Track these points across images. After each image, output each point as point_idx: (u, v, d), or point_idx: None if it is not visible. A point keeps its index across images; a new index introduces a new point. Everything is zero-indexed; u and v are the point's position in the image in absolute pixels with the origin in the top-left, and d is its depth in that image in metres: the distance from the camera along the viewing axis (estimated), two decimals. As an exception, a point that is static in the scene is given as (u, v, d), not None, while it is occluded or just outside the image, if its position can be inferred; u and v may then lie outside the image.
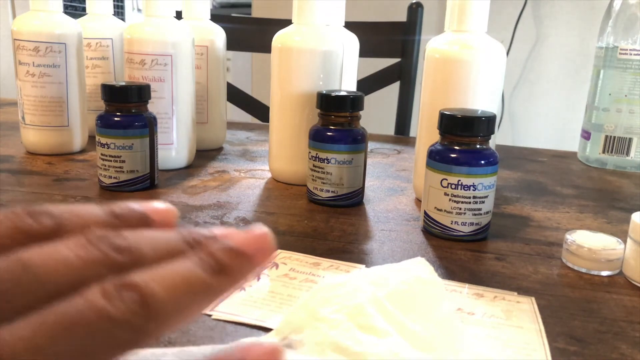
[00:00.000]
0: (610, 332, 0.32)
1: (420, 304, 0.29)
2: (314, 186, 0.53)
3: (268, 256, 0.18)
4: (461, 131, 0.44)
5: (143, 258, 0.17)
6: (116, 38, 0.75)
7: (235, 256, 0.17)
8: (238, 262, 0.17)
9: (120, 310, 0.15)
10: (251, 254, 0.18)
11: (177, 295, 0.16)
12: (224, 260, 0.17)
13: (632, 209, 0.56)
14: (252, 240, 0.18)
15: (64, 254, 0.16)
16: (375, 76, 1.08)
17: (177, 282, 0.16)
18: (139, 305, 0.15)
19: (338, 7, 0.72)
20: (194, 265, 0.17)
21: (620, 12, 0.72)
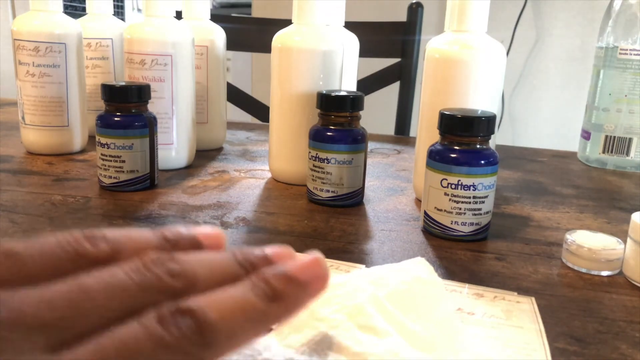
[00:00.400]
0: (610, 332, 0.32)
1: (420, 304, 0.29)
2: (314, 186, 0.53)
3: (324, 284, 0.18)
4: (461, 131, 0.44)
5: (198, 282, 0.17)
6: (116, 38, 0.75)
7: (290, 283, 0.17)
8: (294, 289, 0.17)
9: (176, 337, 0.15)
10: (306, 281, 0.17)
11: (233, 323, 0.16)
12: (280, 288, 0.17)
13: (632, 209, 0.56)
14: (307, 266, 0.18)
15: (120, 278, 0.16)
16: (375, 76, 1.08)
17: (232, 309, 0.16)
18: (194, 332, 0.15)
19: (338, 7, 0.72)
20: (249, 292, 0.16)
21: (620, 12, 0.72)
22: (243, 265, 0.18)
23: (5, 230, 0.43)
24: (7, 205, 0.49)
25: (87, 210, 0.49)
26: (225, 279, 0.17)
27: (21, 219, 0.46)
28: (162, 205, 0.51)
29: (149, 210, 0.49)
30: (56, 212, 0.48)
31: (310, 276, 0.18)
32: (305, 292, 0.17)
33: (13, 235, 0.42)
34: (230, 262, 0.18)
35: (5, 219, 0.45)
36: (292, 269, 0.17)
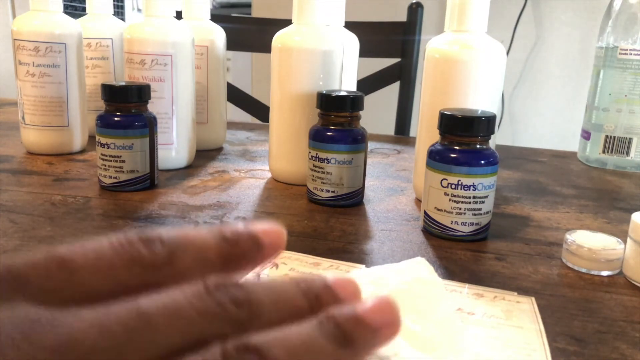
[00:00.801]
0: (610, 332, 0.32)
1: (420, 304, 0.29)
2: (314, 186, 0.53)
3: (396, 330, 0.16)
4: (461, 131, 0.44)
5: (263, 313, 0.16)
6: (116, 38, 0.75)
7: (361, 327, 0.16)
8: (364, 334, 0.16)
9: None
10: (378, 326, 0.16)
11: None
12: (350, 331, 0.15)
13: (632, 209, 0.56)
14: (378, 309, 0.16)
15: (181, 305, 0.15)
16: (375, 76, 1.08)
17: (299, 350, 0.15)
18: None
19: (338, 7, 0.72)
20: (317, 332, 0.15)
21: (620, 12, 0.72)
22: (308, 296, 0.17)
23: (5, 230, 0.43)
24: (7, 205, 0.49)
25: (87, 210, 0.49)
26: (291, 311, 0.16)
27: (21, 219, 0.46)
28: (162, 205, 0.51)
29: (149, 210, 0.49)
30: (56, 212, 0.48)
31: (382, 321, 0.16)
32: (376, 338, 0.16)
33: (13, 235, 0.42)
34: (294, 292, 0.17)
35: (5, 219, 0.45)
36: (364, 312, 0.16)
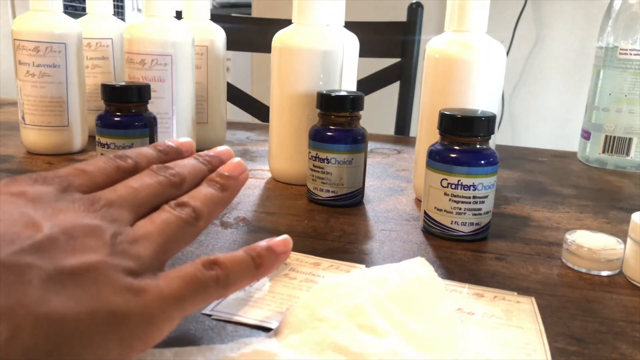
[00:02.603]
0: (610, 332, 0.32)
1: (420, 304, 0.29)
2: (314, 186, 0.53)
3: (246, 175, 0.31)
4: (461, 131, 0.44)
5: (186, 178, 0.29)
6: (116, 38, 0.75)
7: (229, 179, 0.30)
8: (231, 182, 0.30)
9: (186, 216, 0.27)
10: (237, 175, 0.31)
11: (208, 205, 0.28)
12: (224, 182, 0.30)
13: (632, 209, 0.56)
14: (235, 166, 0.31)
15: (148, 180, 0.28)
16: (375, 76, 1.08)
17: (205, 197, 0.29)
18: (192, 212, 0.27)
19: (338, 7, 0.72)
20: (210, 188, 0.29)
21: (620, 12, 0.72)
22: (204, 163, 0.31)
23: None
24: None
25: (87, 210, 0.49)
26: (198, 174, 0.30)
27: (21, 219, 0.46)
28: (162, 205, 0.51)
29: (149, 210, 0.49)
30: (56, 212, 0.48)
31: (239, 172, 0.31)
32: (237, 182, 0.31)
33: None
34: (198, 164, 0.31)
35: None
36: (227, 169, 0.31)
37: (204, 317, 0.31)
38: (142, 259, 0.24)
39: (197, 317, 0.31)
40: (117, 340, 0.21)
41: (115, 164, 0.28)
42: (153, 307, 0.22)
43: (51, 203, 0.24)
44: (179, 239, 0.26)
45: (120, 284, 0.22)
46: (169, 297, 0.23)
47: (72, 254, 0.22)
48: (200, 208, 0.28)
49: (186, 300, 0.24)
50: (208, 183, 0.30)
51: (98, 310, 0.21)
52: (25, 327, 0.18)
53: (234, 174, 0.31)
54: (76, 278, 0.21)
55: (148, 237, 0.25)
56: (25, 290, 0.19)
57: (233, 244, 0.43)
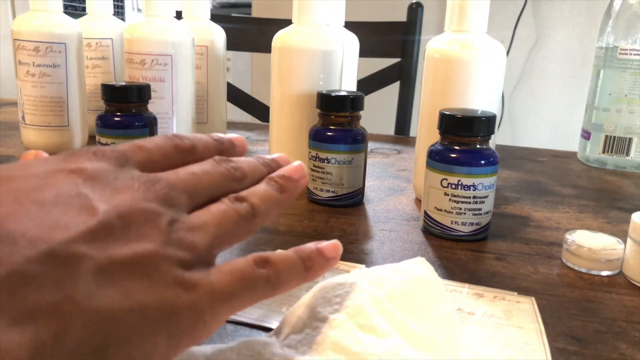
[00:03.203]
0: (610, 332, 0.32)
1: (420, 304, 0.29)
2: (314, 186, 0.53)
3: (306, 180, 0.30)
4: (461, 131, 0.44)
5: (247, 175, 0.28)
6: (116, 38, 0.75)
7: (288, 179, 0.29)
8: (291, 184, 0.29)
9: (244, 211, 0.26)
10: (297, 179, 0.30)
11: (266, 203, 0.27)
12: (284, 184, 0.29)
13: (632, 209, 0.56)
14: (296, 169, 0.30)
15: (210, 170, 0.27)
16: (375, 76, 1.08)
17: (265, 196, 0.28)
18: (250, 208, 0.26)
19: (338, 7, 0.72)
20: (270, 188, 0.28)
21: (620, 12, 0.72)
22: (264, 165, 0.30)
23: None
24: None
25: (87, 210, 0.49)
26: (257, 174, 0.29)
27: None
28: (162, 205, 0.51)
29: (149, 210, 0.49)
30: (56, 212, 0.48)
31: (299, 175, 0.30)
32: (296, 185, 0.29)
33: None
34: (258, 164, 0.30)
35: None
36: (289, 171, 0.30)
37: (204, 317, 0.31)
38: (197, 250, 0.23)
39: (197, 317, 0.31)
40: (166, 336, 0.21)
41: (174, 143, 0.28)
42: (203, 304, 0.22)
43: (110, 181, 0.23)
44: (234, 233, 0.25)
45: (172, 278, 0.21)
46: (219, 293, 0.23)
47: (126, 242, 0.21)
48: (259, 205, 0.27)
49: (235, 297, 0.23)
50: (268, 182, 0.29)
51: (148, 306, 0.20)
52: (73, 323, 0.18)
53: (295, 177, 0.29)
54: (128, 270, 0.20)
55: (204, 228, 0.24)
56: (76, 284, 0.19)
57: (233, 244, 0.42)
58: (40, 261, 0.18)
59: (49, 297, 0.18)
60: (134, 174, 0.24)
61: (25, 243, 0.18)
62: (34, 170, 0.22)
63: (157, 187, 0.24)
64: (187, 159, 0.27)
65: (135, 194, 0.23)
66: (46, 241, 0.19)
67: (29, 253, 0.18)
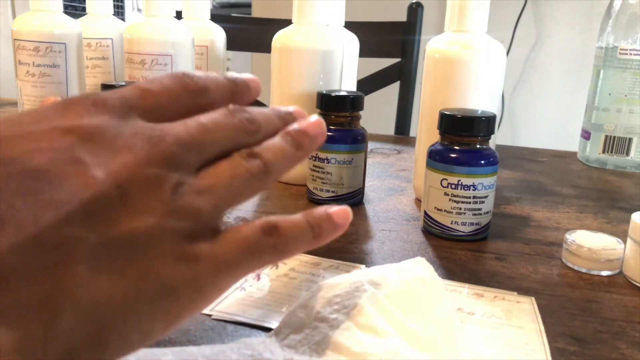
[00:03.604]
0: (610, 332, 0.32)
1: (420, 304, 0.29)
2: (314, 186, 0.53)
3: (324, 137, 0.28)
4: (461, 131, 0.44)
5: (261, 127, 0.26)
6: (116, 38, 0.75)
7: (305, 135, 0.27)
8: (308, 140, 0.27)
9: (257, 170, 0.24)
10: (315, 135, 0.27)
11: (280, 160, 0.25)
12: (302, 140, 0.26)
13: (632, 209, 0.56)
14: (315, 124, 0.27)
15: (220, 120, 0.24)
16: (375, 76, 1.08)
17: (279, 152, 0.25)
18: (263, 165, 0.24)
19: (338, 7, 0.72)
20: (285, 143, 0.26)
21: (620, 12, 0.72)
22: (280, 117, 0.28)
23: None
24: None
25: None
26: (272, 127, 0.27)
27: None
28: (162, 205, 0.51)
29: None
30: (56, 212, 0.48)
31: (316, 131, 0.27)
32: (315, 142, 0.27)
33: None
34: (273, 115, 0.27)
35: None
36: (307, 126, 0.27)
37: (204, 317, 0.31)
38: (202, 216, 0.22)
39: (197, 317, 0.31)
40: (163, 313, 0.20)
41: (183, 83, 0.25)
42: (205, 277, 0.21)
43: (110, 140, 0.21)
44: (243, 193, 0.24)
45: (172, 253, 0.20)
46: (223, 264, 0.22)
47: (124, 216, 0.19)
48: (272, 162, 0.25)
49: (239, 266, 0.22)
50: (284, 137, 0.26)
51: (146, 286, 0.19)
52: (65, 313, 0.17)
53: (312, 133, 0.27)
54: (125, 249, 0.19)
55: (212, 190, 0.22)
56: (68, 272, 0.17)
57: (233, 244, 0.43)
58: (27, 249, 0.17)
59: (38, 288, 0.17)
60: (138, 127, 0.22)
61: (13, 226, 0.17)
62: (26, 129, 0.20)
63: (163, 146, 0.22)
64: (198, 101, 0.25)
65: (138, 154, 0.21)
66: (35, 223, 0.17)
67: (15, 240, 0.17)
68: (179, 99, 0.24)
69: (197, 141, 0.23)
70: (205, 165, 0.23)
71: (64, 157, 0.19)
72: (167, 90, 0.24)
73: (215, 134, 0.24)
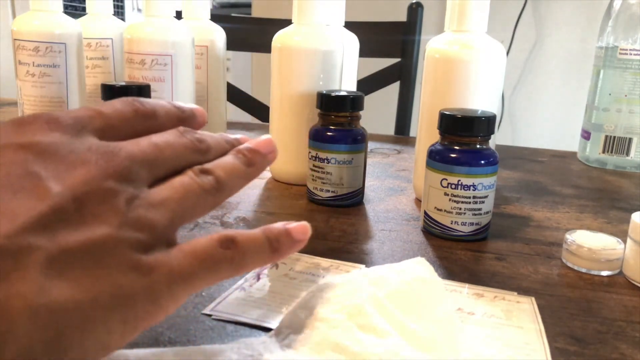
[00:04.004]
0: (610, 332, 0.32)
1: (420, 304, 0.29)
2: (314, 186, 0.53)
3: (274, 155, 0.29)
4: (461, 131, 0.44)
5: (210, 146, 0.27)
6: (116, 38, 0.75)
7: (256, 153, 0.28)
8: (258, 157, 0.28)
9: (209, 185, 0.25)
10: (266, 153, 0.28)
11: (232, 177, 0.26)
12: (251, 157, 0.27)
13: (632, 209, 0.56)
14: (264, 143, 0.28)
15: (172, 141, 0.25)
16: (375, 76, 1.08)
17: (231, 169, 0.26)
18: (215, 182, 0.25)
19: (338, 7, 0.72)
20: (236, 160, 0.27)
21: (620, 12, 0.72)
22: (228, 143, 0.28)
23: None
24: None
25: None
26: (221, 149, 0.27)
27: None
28: (162, 205, 0.51)
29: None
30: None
31: (267, 149, 0.28)
32: (266, 160, 0.28)
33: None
34: (222, 139, 0.28)
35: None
36: (256, 144, 0.28)
37: (204, 317, 0.31)
38: (156, 229, 0.22)
39: (197, 317, 0.31)
40: (120, 323, 0.20)
41: (134, 107, 0.26)
42: (160, 287, 0.21)
43: (64, 155, 0.21)
44: (197, 208, 0.24)
45: (127, 262, 0.20)
46: (178, 275, 0.22)
47: (80, 227, 0.20)
48: (224, 179, 0.25)
49: (196, 278, 0.22)
50: (235, 155, 0.27)
51: (101, 295, 0.19)
52: (21, 320, 0.17)
53: (263, 151, 0.28)
54: (81, 258, 0.19)
55: (165, 204, 0.23)
56: (24, 279, 0.18)
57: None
58: None
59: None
60: (91, 144, 0.23)
61: None
62: None
63: (117, 160, 0.22)
64: (148, 124, 0.26)
65: (92, 169, 0.21)
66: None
67: None
68: (129, 121, 0.25)
69: (149, 157, 0.24)
70: (158, 182, 0.24)
71: (19, 170, 0.20)
72: (118, 112, 0.25)
73: (167, 152, 0.25)
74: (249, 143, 0.28)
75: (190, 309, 0.32)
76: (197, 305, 0.32)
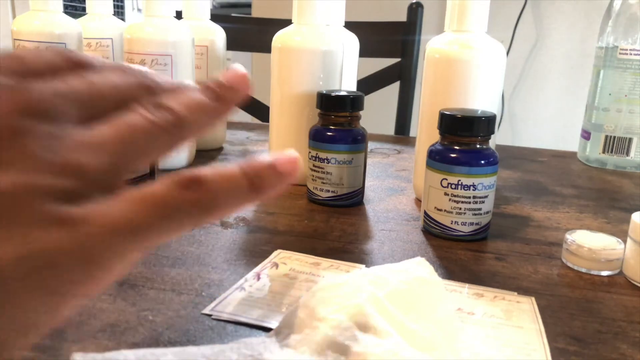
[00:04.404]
0: (610, 332, 0.32)
1: (420, 304, 0.29)
2: (314, 186, 0.53)
3: (247, 89, 0.24)
4: (461, 131, 0.44)
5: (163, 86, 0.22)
6: (116, 38, 0.75)
7: (224, 87, 0.23)
8: (228, 92, 0.23)
9: (162, 120, 0.20)
10: (237, 88, 0.23)
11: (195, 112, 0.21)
12: (220, 91, 0.23)
13: (632, 209, 0.56)
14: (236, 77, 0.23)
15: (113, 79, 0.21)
16: (375, 76, 1.08)
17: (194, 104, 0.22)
18: (173, 117, 0.20)
19: (338, 7, 0.72)
20: (200, 95, 0.22)
21: (620, 12, 0.72)
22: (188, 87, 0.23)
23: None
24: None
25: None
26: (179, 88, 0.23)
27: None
28: (162, 205, 0.51)
29: (149, 210, 0.49)
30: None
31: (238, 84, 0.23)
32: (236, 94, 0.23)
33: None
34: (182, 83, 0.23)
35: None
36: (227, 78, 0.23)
37: (204, 317, 0.31)
38: (87, 175, 0.18)
39: (197, 317, 0.31)
40: (47, 293, 0.16)
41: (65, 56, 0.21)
42: (94, 243, 0.17)
43: None
44: (148, 149, 0.20)
45: (46, 215, 0.17)
46: (119, 227, 0.18)
47: None
48: (184, 113, 0.21)
49: (149, 230, 0.18)
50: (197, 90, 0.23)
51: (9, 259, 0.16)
52: None
53: (233, 83, 0.23)
54: None
55: (100, 144, 0.19)
56: None
57: (233, 244, 0.43)
58: None
59: None
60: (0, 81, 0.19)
61: None
62: None
63: (31, 94, 0.18)
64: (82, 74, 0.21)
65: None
66: None
67: None
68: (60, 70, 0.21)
69: (80, 94, 0.20)
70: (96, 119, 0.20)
71: None
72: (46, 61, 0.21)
73: (104, 87, 0.20)
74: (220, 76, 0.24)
75: (190, 309, 0.32)
76: (197, 305, 0.32)
